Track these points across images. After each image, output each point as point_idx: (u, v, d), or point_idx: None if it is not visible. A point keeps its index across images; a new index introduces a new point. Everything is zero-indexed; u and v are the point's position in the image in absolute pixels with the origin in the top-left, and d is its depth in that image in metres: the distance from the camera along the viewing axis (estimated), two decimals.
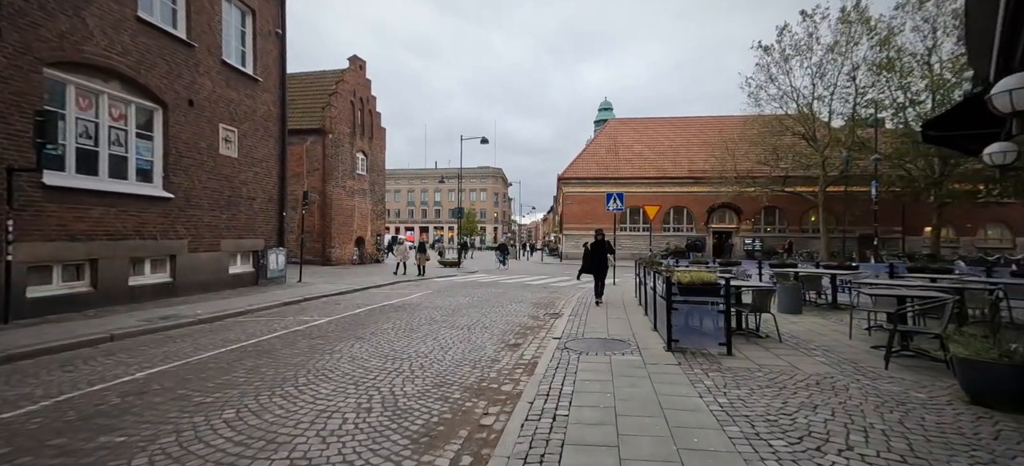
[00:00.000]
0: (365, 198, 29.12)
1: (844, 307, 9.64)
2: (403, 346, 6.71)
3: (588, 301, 11.21)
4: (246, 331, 7.74)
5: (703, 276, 5.72)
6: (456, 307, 10.91)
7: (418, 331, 7.89)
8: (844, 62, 26.19)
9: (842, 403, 4.05)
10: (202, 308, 9.72)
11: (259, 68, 14.18)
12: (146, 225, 10.38)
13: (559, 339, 7.00)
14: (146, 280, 10.52)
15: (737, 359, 5.55)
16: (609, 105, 65.17)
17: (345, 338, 7.18)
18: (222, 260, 12.79)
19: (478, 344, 7.00)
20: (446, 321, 8.97)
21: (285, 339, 7.07)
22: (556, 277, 20.43)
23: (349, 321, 8.80)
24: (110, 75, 9.54)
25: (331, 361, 5.77)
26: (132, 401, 4.29)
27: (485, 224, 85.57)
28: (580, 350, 6.22)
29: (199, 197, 11.90)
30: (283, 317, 9.28)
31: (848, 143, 26.81)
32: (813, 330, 7.44)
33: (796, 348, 6.16)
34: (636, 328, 7.79)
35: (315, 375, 5.17)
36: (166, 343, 6.82)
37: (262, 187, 14.39)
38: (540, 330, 8.23)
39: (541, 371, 5.22)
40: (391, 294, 13.53)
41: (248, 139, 13.70)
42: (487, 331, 8.04)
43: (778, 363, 5.41)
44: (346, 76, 27.17)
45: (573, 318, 8.85)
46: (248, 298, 11.41)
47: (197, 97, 11.75)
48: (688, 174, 36.76)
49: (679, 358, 5.63)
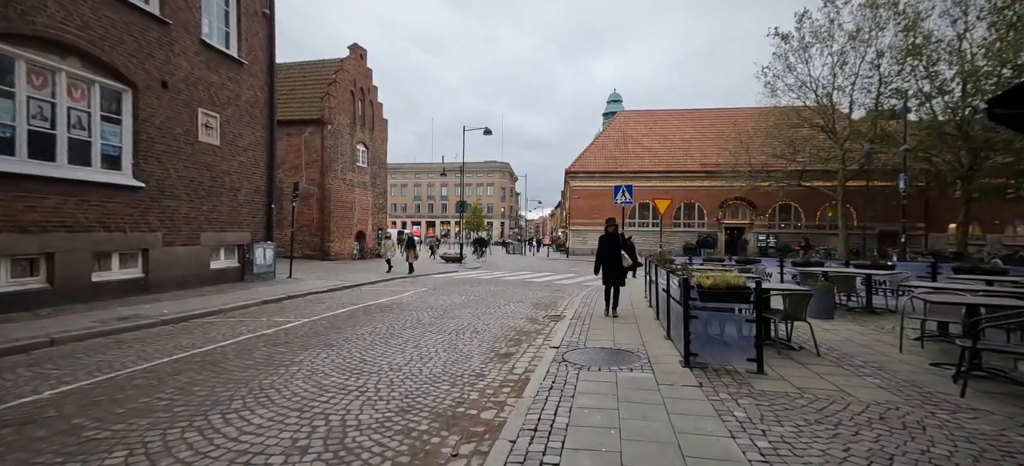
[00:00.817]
0: (366, 191, 28.29)
1: (880, 311, 8.58)
2: (376, 356, 5.80)
3: (594, 302, 10.23)
4: (206, 335, 6.88)
5: (728, 278, 4.73)
6: (448, 307, 10.00)
7: (399, 336, 6.98)
8: (867, 49, 24.84)
9: (925, 451, 3.06)
10: (171, 307, 8.90)
11: (244, 50, 13.30)
12: (112, 216, 9.56)
13: (557, 348, 6.05)
14: (113, 276, 9.71)
15: (771, 379, 4.57)
16: (618, 97, 63.59)
17: (312, 345, 6.29)
18: (202, 255, 11.97)
19: (464, 353, 6.08)
20: (434, 324, 8.05)
21: (243, 346, 6.19)
22: (560, 274, 19.45)
23: (326, 324, 7.92)
24: (68, 51, 8.69)
25: (284, 377, 4.87)
26: (5, 436, 3.40)
27: (492, 219, 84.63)
28: (581, 363, 5.27)
29: (175, 187, 11.07)
30: (256, 318, 8.42)
31: (870, 135, 25.46)
32: (852, 339, 6.41)
33: (839, 364, 5.15)
34: (646, 335, 6.82)
35: (256, 397, 4.27)
36: (108, 350, 5.97)
37: (248, 177, 13.55)
38: (537, 336, 7.29)
39: (532, 392, 4.28)
40: (383, 292, 12.66)
41: (232, 126, 12.85)
42: (477, 337, 7.11)
43: (823, 386, 4.41)
44: (346, 65, 26.29)
45: (575, 322, 7.89)
46: (227, 296, 10.59)
47: (172, 79, 10.90)
48: (700, 168, 35.50)
49: (699, 376, 4.66)
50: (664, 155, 37.28)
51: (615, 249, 8.38)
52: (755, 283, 4.78)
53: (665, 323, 6.80)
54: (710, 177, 34.53)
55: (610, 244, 8.47)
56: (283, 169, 24.75)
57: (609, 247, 8.46)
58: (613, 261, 8.40)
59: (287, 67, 28.00)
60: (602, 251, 8.54)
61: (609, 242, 8.51)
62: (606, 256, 8.49)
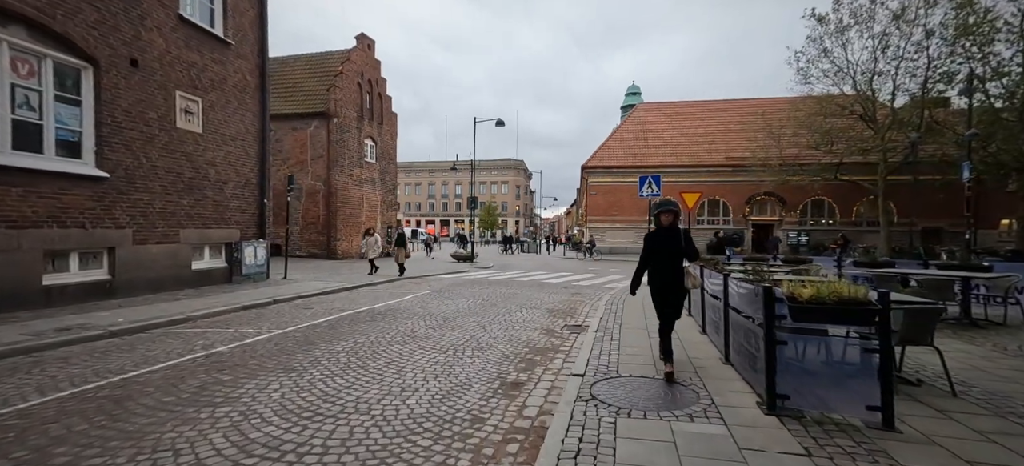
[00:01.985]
0: (374, 188, 27.12)
1: (982, 323, 6.92)
2: (343, 388, 4.42)
3: (621, 307, 8.72)
4: (147, 354, 5.59)
5: (840, 289, 3.22)
6: (451, 314, 8.60)
7: (382, 356, 5.60)
8: (913, 29, 22.74)
9: None
10: (132, 315, 7.67)
11: (231, 29, 12.09)
12: (69, 210, 8.38)
13: (582, 376, 4.60)
14: (70, 278, 8.54)
15: (911, 441, 3.05)
16: (637, 89, 61.32)
17: (267, 371, 4.94)
18: (182, 254, 10.79)
19: (460, 382, 4.66)
20: (430, 337, 6.66)
21: (177, 372, 4.86)
22: (578, 274, 17.94)
23: (299, 337, 6.57)
24: (9, 17, 7.51)
25: (201, 426, 3.50)
26: None
27: (507, 217, 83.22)
28: (616, 403, 3.82)
29: (148, 178, 9.88)
30: (222, 329, 7.13)
31: (917, 124, 23.34)
32: (978, 366, 4.82)
33: (996, 411, 3.58)
34: (694, 353, 5.32)
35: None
36: (15, 374, 4.71)
37: (236, 169, 12.35)
38: (555, 355, 5.84)
39: (550, 460, 2.84)
40: (381, 295, 11.33)
41: (216, 112, 11.65)
42: (481, 356, 5.69)
43: (999, 456, 2.89)
44: (352, 56, 25.13)
45: (602, 336, 6.42)
46: (205, 300, 9.36)
47: (144, 57, 9.71)
48: (725, 161, 33.54)
49: (796, 432, 3.16)
50: (687, 148, 35.40)
51: (674, 254, 4.67)
52: (879, 295, 3.26)
53: (721, 339, 5.29)
54: (736, 171, 32.56)
55: (666, 244, 4.68)
56: (288, 164, 23.74)
57: (665, 249, 4.68)
58: (670, 277, 4.70)
59: (293, 59, 26.99)
60: (651, 255, 4.77)
61: (664, 241, 4.70)
62: (658, 265, 4.74)
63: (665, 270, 4.71)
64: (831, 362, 3.44)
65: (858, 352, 3.31)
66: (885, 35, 23.45)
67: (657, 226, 4.82)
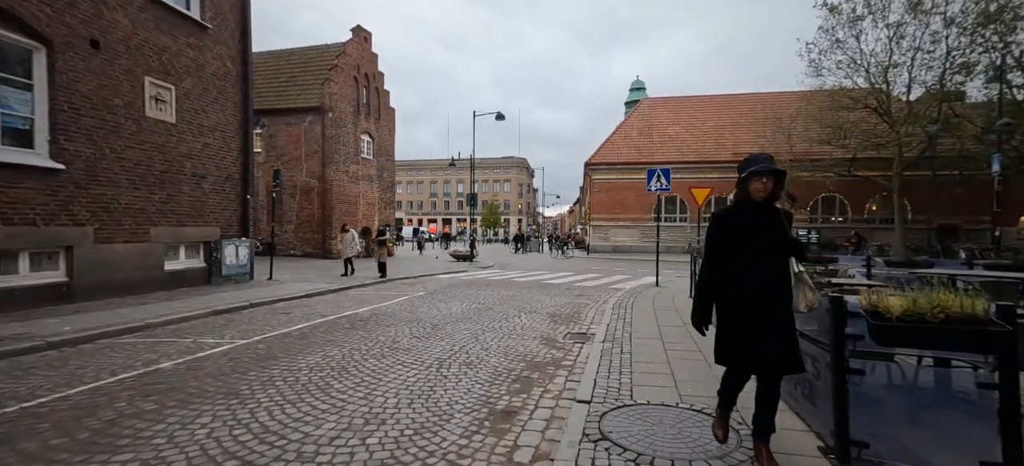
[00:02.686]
0: (372, 185, 26.30)
1: None
2: (294, 419, 3.56)
3: (626, 311, 7.84)
4: (75, 372, 4.75)
5: (945, 301, 2.34)
6: (441, 320, 7.74)
7: (352, 374, 4.74)
8: (930, 18, 21.74)
9: None
10: (84, 322, 6.85)
11: (209, 12, 11.25)
12: (16, 205, 7.56)
13: (589, 403, 3.74)
14: (18, 281, 7.71)
15: None
16: (641, 84, 60.10)
17: (206, 396, 4.08)
18: (153, 253, 9.97)
19: (440, 410, 3.80)
20: (413, 349, 5.80)
21: (96, 398, 4.01)
22: (582, 274, 17.06)
23: (260, 350, 5.72)
24: None
25: None
26: None
27: (509, 215, 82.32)
28: (633, 447, 2.96)
29: (112, 170, 9.06)
30: (180, 339, 6.29)
31: (933, 116, 22.36)
32: None
33: None
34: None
35: None
36: None
37: (215, 162, 11.52)
38: (556, 371, 4.97)
39: None
40: (370, 297, 10.48)
41: (192, 101, 10.82)
42: (468, 373, 4.83)
43: None
44: (348, 49, 24.29)
45: (610, 346, 5.56)
46: (173, 304, 8.54)
47: (106, 38, 8.88)
48: (732, 157, 32.53)
49: None
50: (693, 144, 34.42)
51: (773, 249, 2.59)
52: (988, 308, 2.38)
53: None
54: None
55: (757, 232, 2.61)
56: (283, 161, 22.93)
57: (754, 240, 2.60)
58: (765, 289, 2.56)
59: (288, 53, 26.15)
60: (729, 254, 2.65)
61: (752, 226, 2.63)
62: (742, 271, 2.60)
63: (756, 278, 2.56)
64: (923, 397, 2.57)
65: (968, 384, 2.43)
66: (900, 25, 22.46)
67: (738, 201, 2.71)
